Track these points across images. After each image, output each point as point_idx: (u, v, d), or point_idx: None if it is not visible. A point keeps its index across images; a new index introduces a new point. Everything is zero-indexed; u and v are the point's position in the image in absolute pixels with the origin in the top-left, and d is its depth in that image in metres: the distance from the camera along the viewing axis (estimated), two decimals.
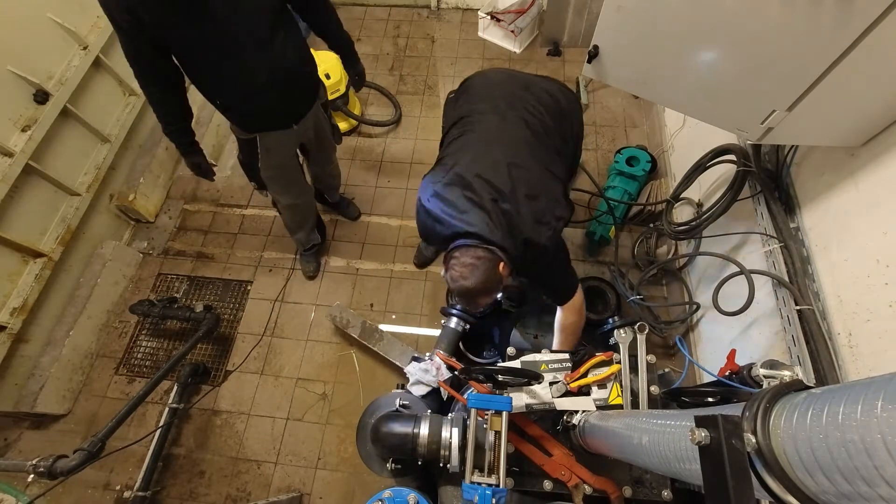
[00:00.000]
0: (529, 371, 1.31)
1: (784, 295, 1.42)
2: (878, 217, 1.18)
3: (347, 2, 3.80)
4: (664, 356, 2.30)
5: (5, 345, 2.17)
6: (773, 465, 0.53)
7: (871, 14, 0.87)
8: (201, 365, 2.42)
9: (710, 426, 0.57)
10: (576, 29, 3.31)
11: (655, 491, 1.33)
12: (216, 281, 2.72)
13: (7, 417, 2.35)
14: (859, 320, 1.20)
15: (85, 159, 2.56)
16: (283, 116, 1.83)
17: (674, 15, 1.14)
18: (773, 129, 1.13)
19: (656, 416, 0.85)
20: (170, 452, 2.28)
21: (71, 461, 1.64)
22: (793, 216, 1.50)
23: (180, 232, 2.90)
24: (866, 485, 0.44)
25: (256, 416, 2.34)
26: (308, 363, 2.45)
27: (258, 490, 2.19)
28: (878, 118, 1.16)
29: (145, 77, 1.62)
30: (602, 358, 1.47)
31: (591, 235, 2.56)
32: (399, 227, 2.81)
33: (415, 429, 1.38)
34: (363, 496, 2.11)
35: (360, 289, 2.62)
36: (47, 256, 2.32)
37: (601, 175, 2.84)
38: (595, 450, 1.25)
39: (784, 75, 1.05)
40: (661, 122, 2.78)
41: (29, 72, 2.20)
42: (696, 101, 1.30)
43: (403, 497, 1.39)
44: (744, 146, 1.64)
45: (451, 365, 1.80)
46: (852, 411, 0.46)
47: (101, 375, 2.51)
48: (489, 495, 1.09)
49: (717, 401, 1.19)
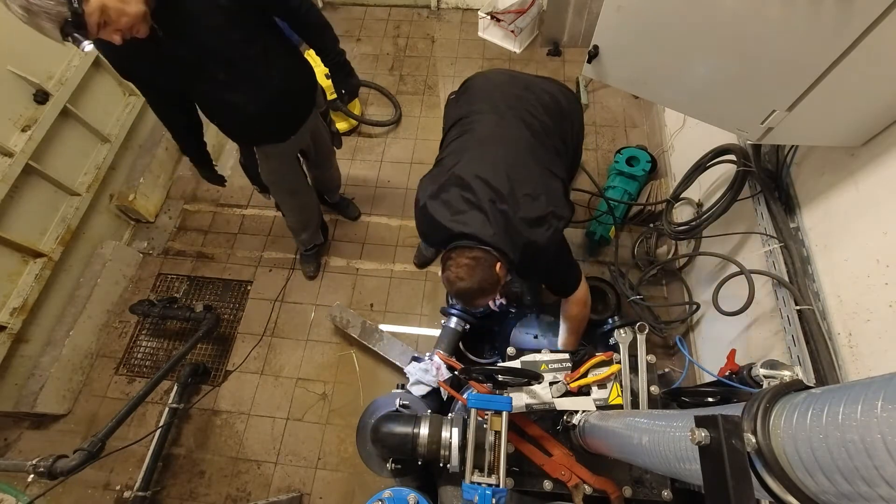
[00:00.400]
0: (529, 371, 1.31)
1: (784, 295, 1.42)
2: (878, 217, 1.18)
3: (347, 2, 3.81)
4: (664, 356, 2.30)
5: (5, 345, 2.17)
6: (773, 465, 0.53)
7: (871, 14, 0.87)
8: (201, 365, 2.42)
9: (710, 426, 0.57)
10: (576, 29, 3.31)
11: (655, 491, 1.33)
12: (216, 281, 2.72)
13: (7, 417, 2.35)
14: (859, 320, 1.20)
15: (85, 159, 2.56)
16: (276, 132, 1.82)
17: (674, 15, 1.14)
18: (773, 129, 1.13)
19: (656, 416, 0.85)
20: (170, 452, 2.28)
21: (71, 461, 1.64)
22: (793, 216, 1.50)
23: (180, 232, 2.90)
24: (866, 485, 0.44)
25: (256, 416, 2.34)
26: (308, 363, 2.45)
27: (258, 490, 2.19)
28: (878, 118, 1.16)
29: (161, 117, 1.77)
30: (602, 358, 1.47)
31: (591, 235, 2.56)
32: (399, 227, 2.81)
33: (415, 429, 1.38)
34: (363, 496, 2.11)
35: (360, 289, 2.62)
36: (47, 256, 2.32)
37: (601, 175, 2.84)
38: (595, 450, 1.25)
39: (784, 75, 1.04)
40: (661, 122, 2.78)
41: (29, 72, 2.20)
42: (696, 101, 1.30)
43: (403, 497, 1.38)
44: (744, 146, 1.64)
45: (451, 365, 1.80)
46: (852, 411, 0.46)
47: (101, 375, 2.51)
48: (489, 495, 1.09)
49: (717, 401, 1.19)
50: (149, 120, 2.91)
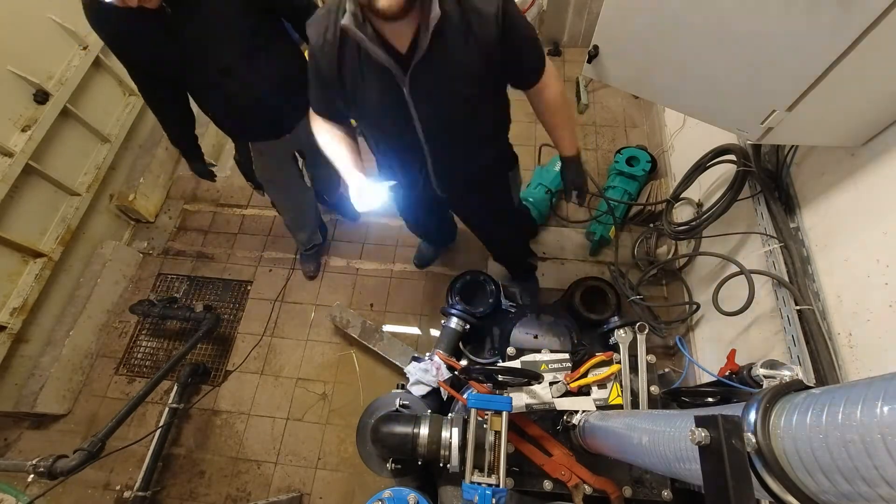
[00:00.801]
0: (529, 371, 1.31)
1: (784, 295, 1.42)
2: (878, 217, 1.18)
3: None
4: (664, 356, 2.30)
5: (5, 345, 2.17)
6: (773, 465, 0.53)
7: (870, 14, 0.87)
8: (201, 365, 2.42)
9: (710, 426, 0.57)
10: (576, 29, 3.31)
11: (655, 491, 1.33)
12: (216, 281, 2.72)
13: (7, 417, 2.35)
14: (859, 320, 1.20)
15: (85, 159, 2.56)
16: (269, 129, 1.81)
17: (674, 15, 1.14)
18: (773, 129, 1.13)
19: (656, 416, 0.85)
20: (170, 452, 2.28)
21: (71, 461, 1.63)
22: (793, 216, 1.50)
23: (180, 232, 2.90)
24: (866, 485, 0.44)
25: (256, 416, 2.34)
26: (308, 363, 2.45)
27: (258, 490, 2.19)
28: (878, 118, 1.16)
29: (153, 106, 1.74)
30: (602, 358, 1.47)
31: (591, 235, 2.56)
32: (399, 227, 2.80)
33: (415, 429, 1.38)
34: (363, 496, 2.11)
35: (360, 289, 2.62)
36: (47, 256, 2.32)
37: (601, 175, 2.84)
38: (595, 450, 1.25)
39: (784, 75, 1.04)
40: (661, 122, 2.78)
41: (29, 72, 2.20)
42: (695, 101, 1.30)
43: (403, 497, 1.38)
44: (744, 146, 1.64)
45: (451, 365, 1.80)
46: (852, 411, 0.46)
47: (101, 375, 2.51)
48: (489, 495, 1.09)
49: (717, 401, 1.19)
50: (149, 120, 2.91)
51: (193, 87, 1.68)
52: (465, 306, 2.06)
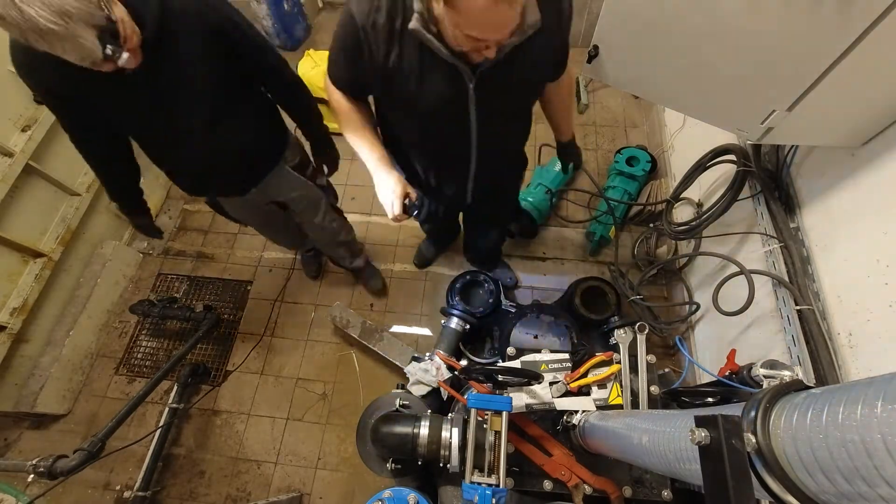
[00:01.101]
0: (529, 371, 1.31)
1: (784, 295, 1.42)
2: (878, 217, 1.18)
3: None
4: (664, 356, 2.30)
5: (5, 345, 2.17)
6: (773, 465, 0.53)
7: (871, 14, 0.87)
8: (201, 365, 2.42)
9: (710, 426, 0.57)
10: (575, 29, 3.29)
11: (655, 491, 1.33)
12: (216, 281, 2.72)
13: (7, 417, 2.35)
14: (859, 320, 1.20)
15: None
16: (231, 189, 1.69)
17: (674, 15, 1.14)
18: (773, 129, 1.13)
19: (656, 416, 0.85)
20: (170, 452, 2.28)
21: (71, 461, 1.64)
22: (793, 216, 1.50)
23: (180, 232, 2.90)
24: (866, 485, 0.44)
25: (256, 416, 2.34)
26: (308, 363, 2.45)
27: (258, 490, 2.19)
28: (878, 118, 1.16)
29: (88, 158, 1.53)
30: (602, 358, 1.47)
31: (591, 235, 2.56)
32: (399, 227, 2.81)
33: (415, 429, 1.38)
34: (363, 496, 2.11)
35: (360, 289, 2.62)
36: (47, 256, 2.32)
37: (601, 175, 2.84)
38: (595, 450, 1.25)
39: (784, 75, 1.04)
40: (661, 122, 2.78)
41: None
42: (696, 102, 1.30)
43: (403, 497, 1.38)
44: (744, 146, 1.64)
45: (451, 365, 1.80)
46: (852, 411, 0.46)
47: (101, 375, 2.51)
48: (489, 495, 1.09)
49: (717, 401, 1.19)
50: None
51: (146, 143, 1.51)
52: (465, 306, 2.06)
